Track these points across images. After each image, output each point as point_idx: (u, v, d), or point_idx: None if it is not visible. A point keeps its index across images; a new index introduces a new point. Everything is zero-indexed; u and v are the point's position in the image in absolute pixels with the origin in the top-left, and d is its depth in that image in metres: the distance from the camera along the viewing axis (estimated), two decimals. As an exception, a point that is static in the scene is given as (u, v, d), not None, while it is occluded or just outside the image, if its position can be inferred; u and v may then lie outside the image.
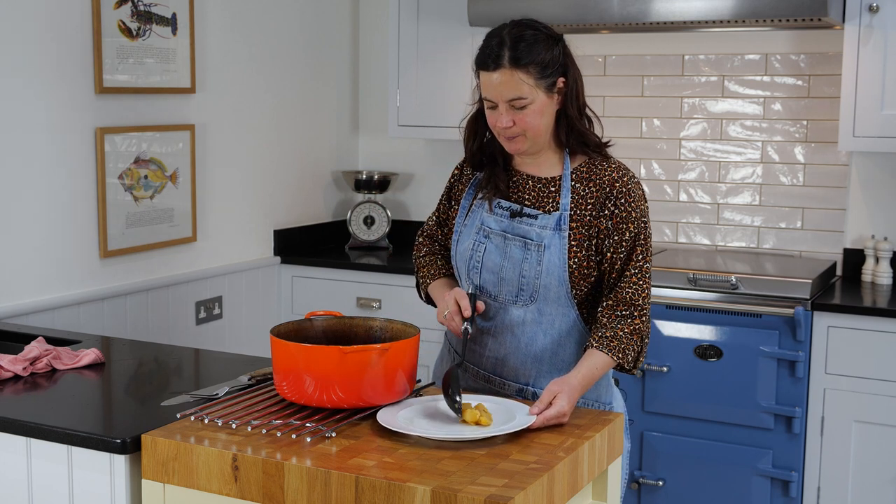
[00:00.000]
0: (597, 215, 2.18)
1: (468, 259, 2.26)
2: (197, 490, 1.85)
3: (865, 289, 3.63)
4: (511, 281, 2.21)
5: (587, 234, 2.18)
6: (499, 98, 2.15)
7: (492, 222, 2.25)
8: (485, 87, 2.17)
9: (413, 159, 4.52)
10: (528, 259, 2.19)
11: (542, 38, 2.15)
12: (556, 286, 2.18)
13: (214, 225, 3.83)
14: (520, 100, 2.13)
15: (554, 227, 2.18)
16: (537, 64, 2.12)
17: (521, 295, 2.21)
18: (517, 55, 2.12)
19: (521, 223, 2.22)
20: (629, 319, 2.17)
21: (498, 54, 2.13)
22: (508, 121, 2.16)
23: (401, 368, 2.00)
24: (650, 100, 4.11)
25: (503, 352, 2.25)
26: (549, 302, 2.19)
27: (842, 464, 3.35)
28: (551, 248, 2.17)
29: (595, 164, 2.22)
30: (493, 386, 2.27)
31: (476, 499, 1.63)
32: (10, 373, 2.29)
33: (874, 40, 3.42)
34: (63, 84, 3.17)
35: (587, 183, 2.21)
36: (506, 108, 2.15)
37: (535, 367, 2.24)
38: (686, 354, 3.47)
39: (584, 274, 2.19)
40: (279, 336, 2.03)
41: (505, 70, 2.12)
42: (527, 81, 2.12)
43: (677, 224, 4.11)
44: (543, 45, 2.14)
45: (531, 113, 2.15)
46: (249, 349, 3.86)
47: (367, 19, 4.57)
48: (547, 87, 2.15)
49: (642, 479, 3.56)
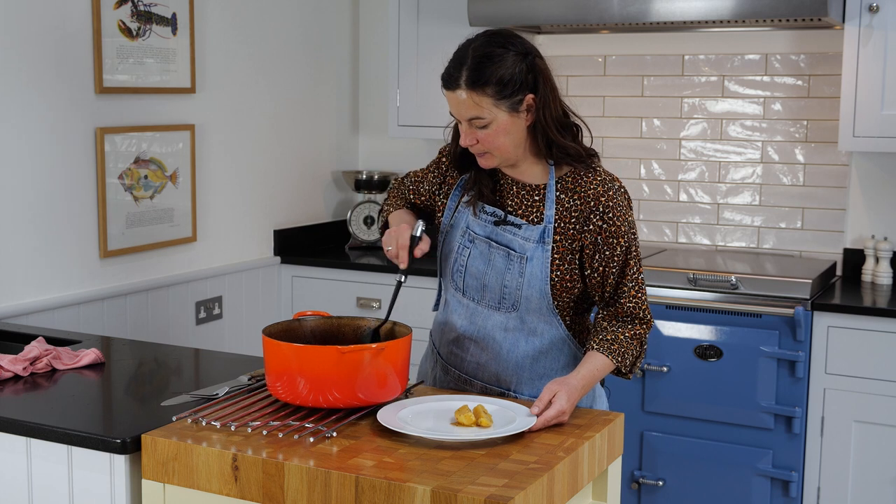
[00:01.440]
0: (581, 229, 2.16)
1: (452, 262, 2.27)
2: (197, 490, 1.85)
3: (865, 289, 3.63)
4: (493, 289, 2.21)
5: (570, 247, 2.16)
6: (458, 116, 2.14)
7: (476, 227, 2.24)
8: (449, 104, 2.15)
9: (413, 159, 4.51)
10: (510, 269, 2.18)
11: (507, 56, 2.08)
12: (538, 298, 2.17)
13: (214, 225, 3.83)
14: (478, 119, 2.10)
15: (538, 239, 2.16)
16: (495, 84, 2.07)
17: (504, 303, 2.20)
18: (473, 76, 2.07)
19: (505, 231, 2.20)
20: (629, 325, 2.18)
21: (456, 75, 2.09)
22: (471, 139, 2.13)
23: (395, 367, 2.00)
24: (650, 100, 4.11)
25: (485, 357, 2.24)
26: (530, 312, 2.19)
27: (842, 464, 3.35)
28: (534, 260, 2.16)
29: (580, 176, 2.18)
30: (474, 390, 2.27)
31: (476, 499, 1.63)
32: (10, 373, 2.29)
33: (874, 40, 3.42)
34: (63, 84, 3.17)
35: (572, 195, 2.17)
36: (467, 126, 2.13)
37: (516, 374, 2.23)
38: (686, 354, 3.47)
39: (567, 287, 2.18)
40: (271, 337, 2.03)
41: (461, 91, 2.09)
42: (483, 103, 2.08)
43: (677, 224, 4.11)
44: (506, 64, 2.07)
45: (493, 133, 2.11)
46: (249, 349, 3.87)
47: (367, 19, 4.57)
48: (510, 107, 2.09)
49: (642, 479, 3.56)
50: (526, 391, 2.23)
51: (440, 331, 2.34)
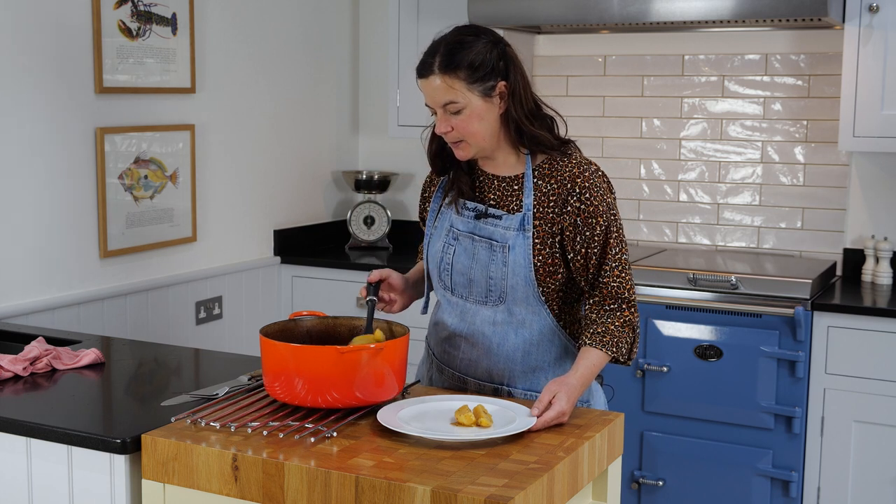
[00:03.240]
0: (559, 212, 2.19)
1: (439, 261, 2.29)
2: (197, 490, 1.85)
3: (865, 289, 3.63)
4: (479, 282, 2.23)
5: (550, 231, 2.19)
6: (434, 104, 2.18)
7: (459, 224, 2.27)
8: (424, 94, 2.20)
9: (413, 159, 4.52)
10: (494, 260, 2.20)
11: (478, 43, 2.16)
12: (524, 286, 2.19)
13: (214, 225, 3.83)
14: (452, 104, 2.15)
15: (518, 227, 2.19)
16: (466, 68, 2.13)
17: (490, 296, 2.22)
18: (445, 60, 2.14)
19: (487, 224, 2.23)
20: (618, 313, 2.19)
21: (429, 61, 2.16)
22: (446, 126, 2.18)
23: (393, 367, 2.01)
24: (650, 100, 4.11)
25: (476, 353, 2.26)
26: (517, 302, 2.21)
27: (842, 464, 3.35)
28: (516, 248, 2.19)
29: (556, 161, 2.22)
30: (468, 388, 2.28)
31: (476, 499, 1.63)
32: (10, 373, 2.29)
33: (874, 40, 3.42)
34: (63, 84, 3.17)
35: (549, 180, 2.21)
36: (442, 113, 2.18)
37: (508, 368, 2.25)
38: (686, 354, 3.47)
39: (550, 271, 2.20)
40: (268, 337, 2.03)
41: (434, 76, 2.15)
42: (455, 87, 2.14)
43: (677, 224, 4.11)
44: (476, 49, 2.15)
45: (467, 118, 2.16)
46: (249, 349, 3.86)
47: (367, 19, 4.57)
48: (483, 92, 2.15)
49: (642, 479, 3.56)
50: (519, 385, 2.25)
51: (434, 331, 2.37)
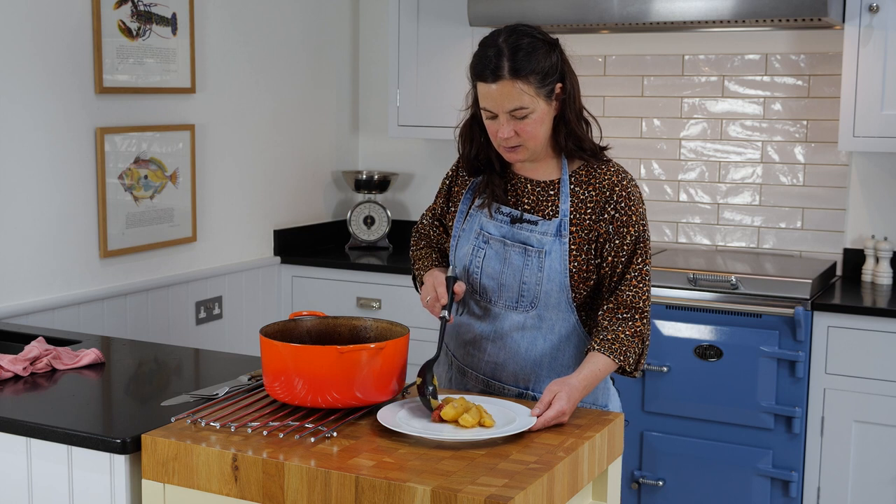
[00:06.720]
0: (596, 219, 2.18)
1: (468, 264, 2.26)
2: (197, 490, 1.85)
3: (865, 289, 3.63)
4: (511, 287, 2.21)
5: (587, 237, 2.18)
6: (499, 109, 2.12)
7: (491, 228, 2.24)
8: (483, 98, 2.14)
9: (413, 159, 4.52)
10: (528, 265, 2.19)
11: (539, 45, 2.12)
12: (558, 292, 2.18)
13: (214, 225, 3.83)
14: (521, 110, 2.11)
15: (554, 233, 2.18)
16: (537, 73, 2.10)
17: (522, 301, 2.20)
18: (517, 65, 2.09)
19: (522, 229, 2.21)
20: (630, 322, 2.17)
21: (497, 65, 2.09)
22: (510, 131, 2.13)
23: (393, 367, 2.00)
24: (650, 100, 4.11)
25: (502, 357, 2.25)
26: (549, 308, 2.19)
27: (842, 464, 3.35)
28: (552, 254, 2.17)
29: (594, 168, 2.21)
30: (492, 390, 2.28)
31: (476, 499, 1.63)
32: (10, 373, 2.29)
33: (874, 40, 3.42)
34: (63, 84, 3.17)
35: (586, 187, 2.20)
36: (506, 118, 2.12)
37: (534, 372, 2.24)
38: (686, 354, 3.47)
39: (584, 278, 2.19)
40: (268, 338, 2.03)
41: (505, 81, 2.09)
42: (527, 91, 2.10)
43: (677, 224, 4.11)
44: (541, 52, 2.12)
45: (532, 122, 2.13)
46: (249, 349, 3.86)
47: (367, 19, 4.57)
48: (546, 95, 2.13)
49: (642, 479, 3.56)
50: (543, 388, 2.22)
51: (455, 333, 2.33)
